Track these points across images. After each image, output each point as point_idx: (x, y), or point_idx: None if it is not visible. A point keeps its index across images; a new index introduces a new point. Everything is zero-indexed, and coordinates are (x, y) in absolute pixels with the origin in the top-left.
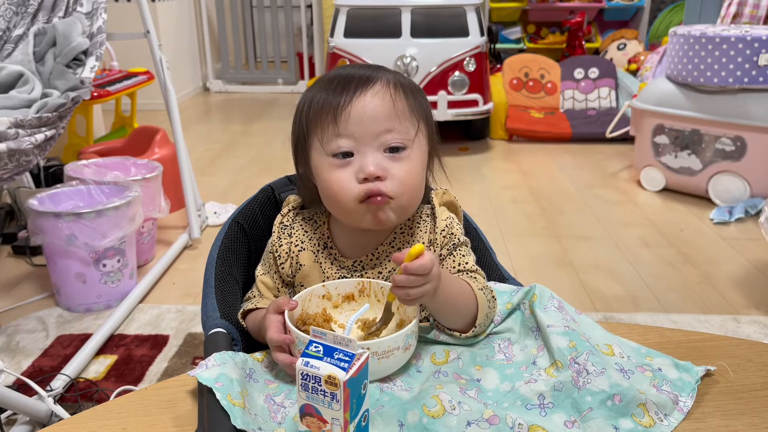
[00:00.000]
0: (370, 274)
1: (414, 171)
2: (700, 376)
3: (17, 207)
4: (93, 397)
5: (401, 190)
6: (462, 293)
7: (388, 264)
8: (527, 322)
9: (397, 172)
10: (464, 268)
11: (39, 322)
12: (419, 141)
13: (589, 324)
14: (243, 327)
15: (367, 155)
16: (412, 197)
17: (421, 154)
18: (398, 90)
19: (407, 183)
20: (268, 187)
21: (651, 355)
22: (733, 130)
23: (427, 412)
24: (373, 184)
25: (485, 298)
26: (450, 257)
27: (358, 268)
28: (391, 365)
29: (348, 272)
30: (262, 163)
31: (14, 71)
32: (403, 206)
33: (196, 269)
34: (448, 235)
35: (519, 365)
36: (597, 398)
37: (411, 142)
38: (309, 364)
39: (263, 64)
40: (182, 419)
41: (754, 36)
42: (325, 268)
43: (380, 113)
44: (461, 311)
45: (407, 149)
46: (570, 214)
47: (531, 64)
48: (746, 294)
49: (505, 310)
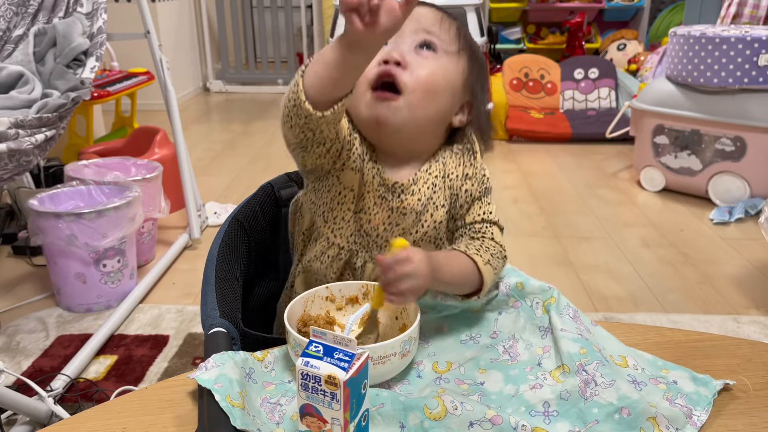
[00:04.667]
0: (410, 200)
1: (438, 73)
2: (717, 390)
3: (17, 207)
4: (93, 397)
5: (415, 85)
6: (464, 274)
7: (426, 190)
8: (536, 320)
9: (419, 66)
10: (488, 218)
11: (39, 322)
12: (456, 59)
13: (604, 335)
14: (242, 328)
15: (398, 45)
16: (424, 100)
17: (453, 70)
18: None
19: (423, 80)
20: (268, 185)
21: (667, 368)
22: (733, 131)
23: (428, 414)
24: (389, 67)
25: (492, 272)
26: (478, 202)
27: (397, 190)
28: (387, 372)
29: (387, 192)
30: (263, 163)
31: (14, 71)
32: (412, 106)
33: (197, 269)
34: (486, 173)
35: (524, 365)
36: (604, 411)
37: (446, 52)
38: (309, 364)
39: (263, 65)
40: (182, 419)
41: (754, 36)
42: (367, 179)
43: (425, 17)
44: (464, 290)
45: (438, 52)
46: (570, 214)
47: (531, 65)
48: (746, 294)
49: (516, 289)
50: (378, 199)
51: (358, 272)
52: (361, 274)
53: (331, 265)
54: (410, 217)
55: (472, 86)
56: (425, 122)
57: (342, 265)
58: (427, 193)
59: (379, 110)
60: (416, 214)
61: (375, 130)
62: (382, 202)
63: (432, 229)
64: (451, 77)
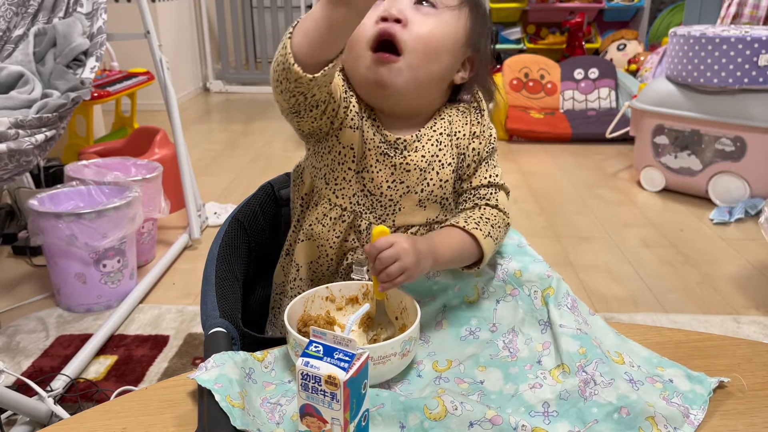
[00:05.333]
0: (413, 157)
1: (439, 31)
2: (713, 388)
3: (17, 207)
4: (93, 397)
5: (416, 44)
6: (463, 250)
7: (431, 147)
8: (535, 312)
9: (419, 23)
10: (494, 182)
11: (39, 322)
12: (458, 14)
13: (601, 327)
14: (242, 328)
15: (396, 1)
16: (426, 59)
17: (455, 25)
18: None
19: (424, 38)
20: (268, 185)
21: (663, 365)
22: (732, 131)
23: (428, 415)
24: (388, 25)
25: (492, 243)
26: (485, 164)
27: (399, 147)
28: (387, 371)
29: (389, 148)
30: (263, 163)
31: (14, 71)
32: (412, 66)
33: (196, 269)
34: (493, 133)
35: (523, 363)
36: (603, 410)
37: (447, 7)
38: (309, 364)
39: (263, 65)
40: (182, 419)
41: (753, 36)
42: (367, 136)
43: None
44: (464, 263)
45: (439, 7)
46: (570, 215)
47: (531, 65)
48: (746, 294)
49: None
50: (380, 156)
51: (363, 235)
52: (367, 237)
53: (334, 228)
54: (414, 174)
55: (475, 42)
56: (427, 81)
57: (345, 227)
58: (432, 150)
59: (380, 72)
60: (420, 171)
61: (375, 91)
62: (384, 158)
63: (438, 188)
64: (452, 34)
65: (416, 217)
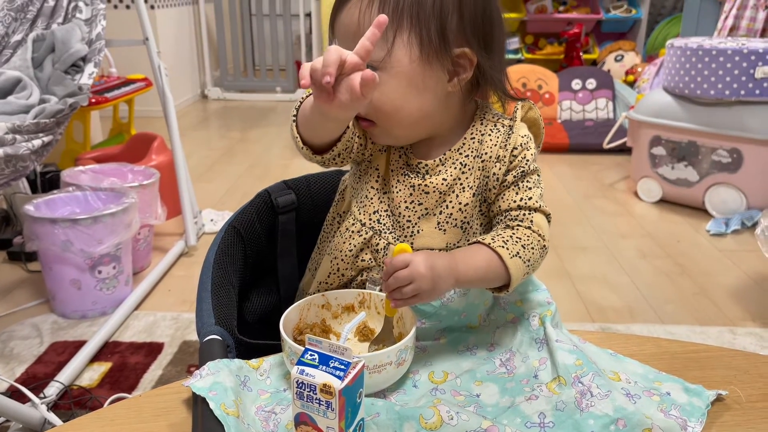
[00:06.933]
0: (434, 180)
1: (389, 94)
2: (710, 401)
3: (13, 213)
4: (87, 404)
5: (378, 114)
6: (488, 269)
7: (453, 171)
8: (532, 333)
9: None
10: (526, 205)
11: (33, 328)
12: (398, 57)
13: (594, 351)
14: (237, 335)
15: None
16: (398, 122)
17: (402, 72)
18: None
19: (387, 109)
20: (265, 192)
21: (660, 380)
22: (729, 142)
23: (424, 424)
24: None
25: (521, 264)
26: (514, 187)
27: (422, 171)
28: (383, 381)
29: (411, 172)
30: (260, 170)
31: (12, 77)
32: (391, 127)
33: (192, 276)
34: (520, 155)
35: (520, 378)
36: (600, 422)
37: (380, 62)
38: (304, 372)
39: (262, 72)
40: (177, 427)
41: (750, 49)
42: (393, 158)
43: (349, 31)
44: (492, 284)
45: (381, 66)
46: (567, 225)
47: (529, 75)
48: (742, 306)
49: (515, 306)
50: (401, 176)
51: (380, 254)
52: (384, 258)
53: (350, 239)
54: (433, 196)
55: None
56: (419, 118)
57: (361, 242)
58: (454, 173)
59: (371, 133)
60: (440, 194)
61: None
62: (405, 179)
63: (457, 211)
64: (408, 77)
65: (436, 240)
